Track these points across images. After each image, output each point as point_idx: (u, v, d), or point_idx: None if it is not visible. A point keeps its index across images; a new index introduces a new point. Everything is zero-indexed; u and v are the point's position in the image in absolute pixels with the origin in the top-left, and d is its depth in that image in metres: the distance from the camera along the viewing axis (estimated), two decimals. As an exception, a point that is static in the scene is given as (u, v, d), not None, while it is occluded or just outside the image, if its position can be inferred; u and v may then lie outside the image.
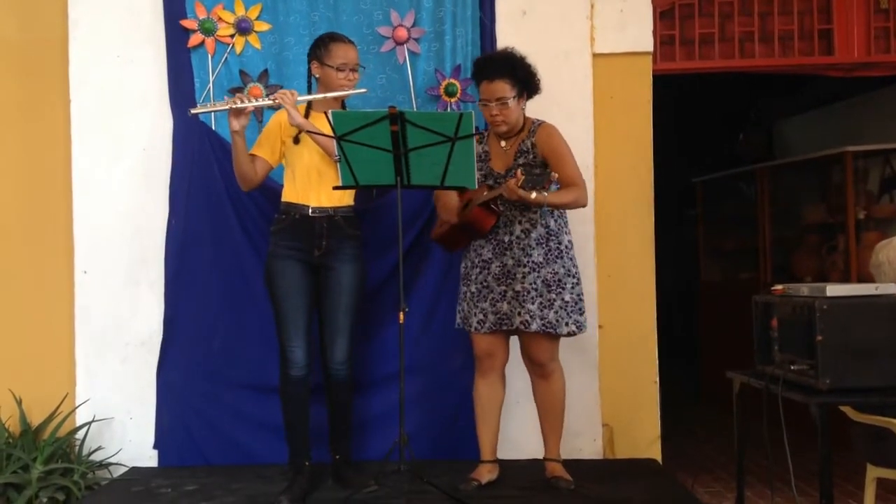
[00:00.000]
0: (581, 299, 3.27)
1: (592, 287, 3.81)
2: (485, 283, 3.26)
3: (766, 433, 2.73)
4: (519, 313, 3.18)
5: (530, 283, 3.18)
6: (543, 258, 3.21)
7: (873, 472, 3.04)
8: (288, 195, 3.34)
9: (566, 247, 3.27)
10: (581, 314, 3.25)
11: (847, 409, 2.97)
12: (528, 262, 3.20)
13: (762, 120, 6.91)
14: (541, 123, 3.33)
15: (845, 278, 4.92)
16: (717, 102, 6.68)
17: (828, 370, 2.60)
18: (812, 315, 2.63)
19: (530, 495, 3.22)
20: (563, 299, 3.19)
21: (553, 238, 3.24)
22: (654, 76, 3.89)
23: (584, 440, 3.78)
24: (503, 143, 3.33)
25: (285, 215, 3.32)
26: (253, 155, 3.34)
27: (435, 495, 3.08)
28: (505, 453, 3.51)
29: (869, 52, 3.97)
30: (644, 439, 3.81)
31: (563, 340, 3.39)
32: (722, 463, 4.47)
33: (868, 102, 5.49)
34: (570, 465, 3.40)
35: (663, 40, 3.96)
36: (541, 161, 3.26)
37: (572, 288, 3.24)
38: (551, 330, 3.18)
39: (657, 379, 3.84)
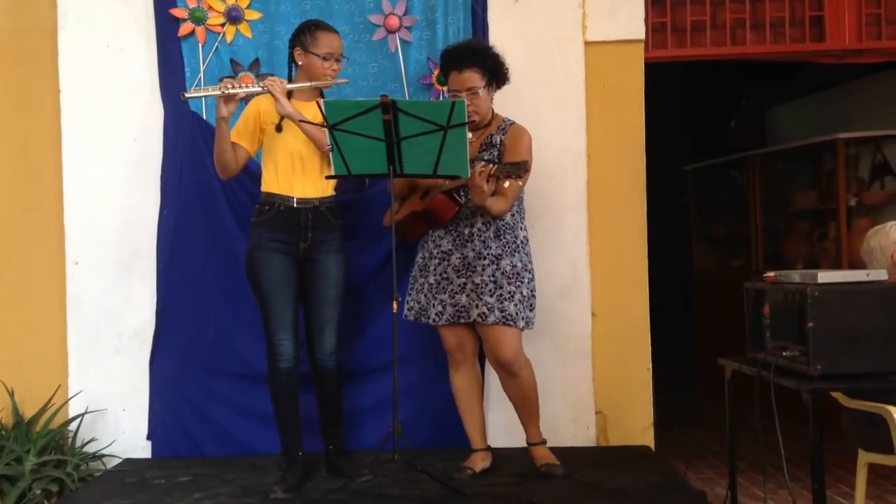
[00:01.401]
0: (534, 296, 3.26)
1: (585, 275, 3.82)
2: (444, 275, 3.24)
3: (759, 419, 2.74)
4: (476, 305, 3.15)
5: (489, 276, 3.16)
6: (502, 250, 3.20)
7: (865, 458, 3.06)
8: (269, 185, 3.29)
9: (522, 241, 3.26)
10: (531, 311, 3.23)
11: (838, 395, 2.99)
12: (487, 254, 3.19)
13: (754, 107, 6.91)
14: (513, 123, 3.31)
15: (836, 265, 4.93)
16: (709, 90, 6.68)
17: (819, 356, 2.61)
18: (803, 301, 2.63)
19: (524, 482, 3.22)
20: (521, 293, 3.18)
21: (509, 231, 3.23)
22: (646, 64, 3.89)
23: (577, 428, 3.80)
24: (469, 135, 3.30)
25: (268, 206, 3.27)
26: (234, 144, 3.29)
27: (429, 484, 3.08)
28: (496, 441, 3.52)
29: (860, 39, 3.97)
30: (637, 426, 3.82)
31: (555, 328, 3.39)
32: (715, 450, 4.49)
33: (859, 89, 5.50)
34: (563, 452, 3.41)
35: (655, 28, 3.95)
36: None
37: (528, 283, 3.23)
38: (511, 322, 3.15)
39: (650, 366, 3.85)
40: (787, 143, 5.85)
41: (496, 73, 3.26)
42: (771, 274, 2.96)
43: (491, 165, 3.02)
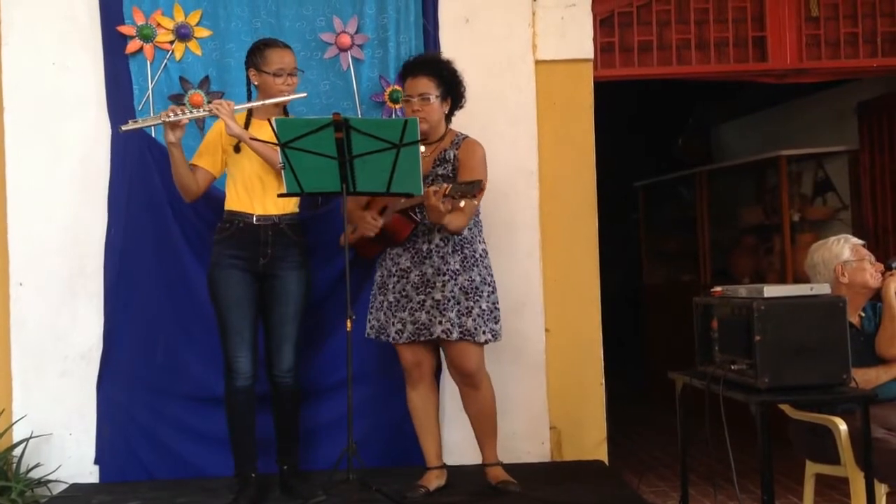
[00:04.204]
0: (496, 308, 3.26)
1: (538, 291, 3.85)
2: (403, 293, 3.23)
3: (709, 432, 2.78)
4: (440, 322, 3.15)
5: (449, 292, 3.17)
6: (460, 265, 3.21)
7: (812, 468, 3.12)
8: (231, 203, 3.30)
9: (480, 255, 3.28)
10: (496, 323, 3.24)
11: (786, 407, 3.05)
12: (446, 269, 3.19)
13: (700, 125, 7.05)
14: (466, 137, 3.33)
15: (782, 279, 5.04)
16: (657, 108, 6.80)
17: (766, 369, 2.66)
18: (750, 316, 2.69)
19: (479, 500, 3.22)
20: (480, 307, 3.19)
21: (468, 246, 3.24)
22: (595, 83, 3.95)
23: (532, 443, 3.81)
24: (423, 149, 3.32)
25: (229, 224, 3.28)
26: (194, 166, 3.30)
27: None
28: (452, 459, 3.52)
29: (801, 59, 4.08)
30: (591, 441, 3.85)
31: (509, 344, 3.40)
32: (667, 462, 4.54)
33: (801, 107, 5.65)
34: (518, 468, 3.42)
35: (603, 47, 4.01)
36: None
37: (488, 296, 3.24)
38: (469, 338, 3.17)
39: (603, 380, 3.89)
40: (733, 160, 5.98)
41: (451, 86, 3.28)
42: (718, 289, 3.01)
43: (445, 185, 3.03)
